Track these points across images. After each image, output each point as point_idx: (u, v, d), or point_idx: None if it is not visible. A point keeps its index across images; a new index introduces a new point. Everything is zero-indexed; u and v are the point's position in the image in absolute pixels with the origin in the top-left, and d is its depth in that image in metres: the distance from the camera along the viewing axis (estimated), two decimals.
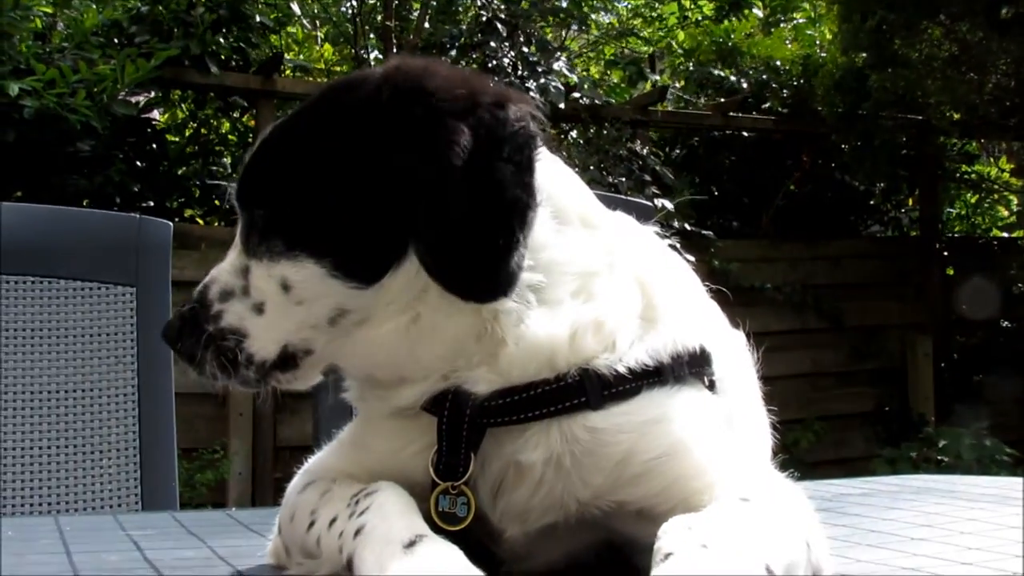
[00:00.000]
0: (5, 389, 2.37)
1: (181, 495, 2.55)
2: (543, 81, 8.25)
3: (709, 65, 10.53)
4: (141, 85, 7.07)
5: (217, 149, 8.77)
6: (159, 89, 7.80)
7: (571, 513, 1.23)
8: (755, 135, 10.45)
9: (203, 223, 8.10)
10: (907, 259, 10.10)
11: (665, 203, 7.65)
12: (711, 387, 1.31)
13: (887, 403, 9.70)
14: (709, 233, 8.79)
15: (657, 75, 10.89)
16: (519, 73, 8.29)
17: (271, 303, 1.26)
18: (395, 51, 8.99)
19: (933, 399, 9.56)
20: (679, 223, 8.06)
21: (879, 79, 8.67)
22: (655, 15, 12.01)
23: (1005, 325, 10.25)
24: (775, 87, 10.07)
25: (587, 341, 1.22)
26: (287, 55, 9.05)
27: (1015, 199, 12.44)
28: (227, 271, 1.31)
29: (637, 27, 11.96)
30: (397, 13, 9.40)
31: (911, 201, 11.08)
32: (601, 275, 1.27)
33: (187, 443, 6.46)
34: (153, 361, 2.46)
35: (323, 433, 1.54)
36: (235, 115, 8.59)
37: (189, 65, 7.34)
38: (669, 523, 1.09)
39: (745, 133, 10.42)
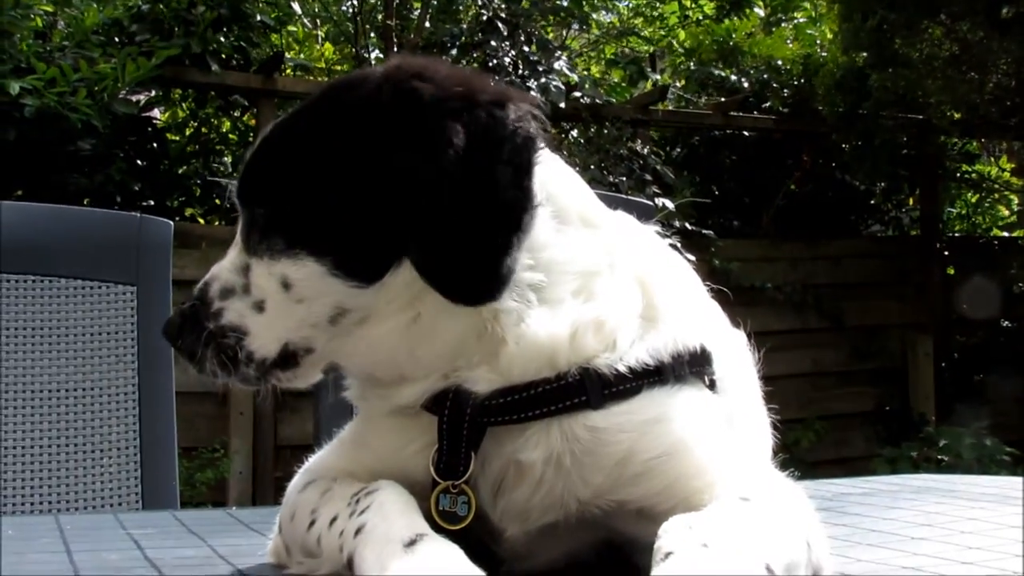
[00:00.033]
0: (6, 388, 2.37)
1: (181, 494, 2.55)
2: (544, 80, 8.23)
3: (710, 64, 10.52)
4: (142, 84, 7.07)
5: (218, 148, 8.77)
6: (160, 88, 7.81)
7: (571, 512, 1.23)
8: (756, 134, 10.45)
9: (204, 222, 8.10)
10: (908, 259, 10.09)
11: (666, 202, 7.64)
12: (712, 387, 1.31)
13: (887, 403, 9.70)
14: (710, 232, 8.78)
15: (658, 74, 10.89)
16: (520, 72, 8.28)
17: (271, 301, 1.26)
18: (396, 50, 8.98)
19: (933, 399, 9.56)
20: (680, 222, 8.04)
21: (880, 78, 8.66)
22: (656, 14, 12.00)
23: (1005, 325, 10.25)
24: (776, 86, 10.06)
25: (588, 340, 1.22)
26: (288, 54, 9.04)
27: (1015, 199, 12.43)
28: (228, 269, 1.31)
29: (638, 26, 11.94)
30: (398, 12, 9.40)
31: (912, 201, 11.07)
32: (602, 274, 1.27)
33: (188, 442, 6.46)
34: (154, 360, 2.46)
35: (324, 432, 1.55)
36: (236, 114, 8.59)
37: (190, 64, 7.33)
38: (669, 522, 1.09)
39: (746, 132, 10.41)
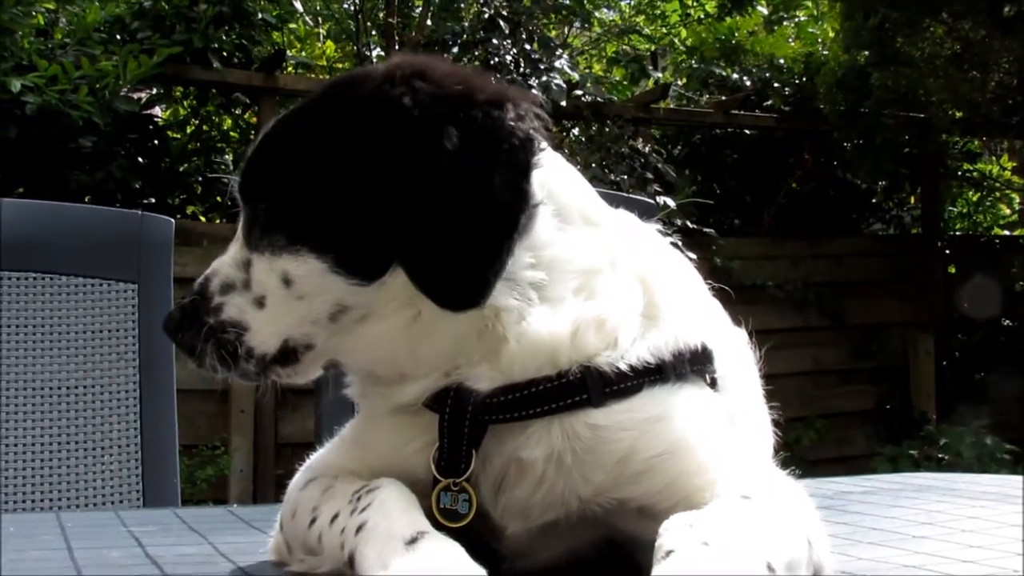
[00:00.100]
0: (7, 385, 2.37)
1: (182, 492, 2.54)
2: (545, 78, 8.23)
3: (711, 63, 10.51)
4: (143, 81, 7.08)
5: (219, 146, 8.76)
6: (161, 85, 7.81)
7: (572, 510, 1.23)
8: (757, 133, 10.44)
9: (205, 220, 8.11)
10: (909, 257, 10.09)
11: (667, 201, 7.64)
12: (713, 385, 1.31)
13: (888, 401, 9.70)
14: (711, 231, 8.78)
15: (659, 73, 10.88)
16: (521, 70, 8.27)
17: (272, 297, 1.26)
18: (397, 48, 8.98)
19: (934, 397, 9.56)
20: (681, 221, 8.04)
21: (881, 77, 8.65)
22: (657, 12, 12.00)
23: (1006, 323, 10.25)
24: (777, 85, 10.05)
25: (589, 338, 1.22)
26: (289, 52, 9.04)
27: (1017, 197, 12.43)
28: (228, 264, 1.31)
29: (639, 24, 11.95)
30: (399, 10, 9.40)
31: (913, 199, 11.07)
32: (603, 273, 1.27)
33: (188, 439, 6.46)
34: (155, 357, 2.46)
35: (325, 430, 1.55)
36: (237, 112, 8.58)
37: (191, 62, 7.33)
38: (670, 520, 1.09)
39: (747, 131, 10.41)
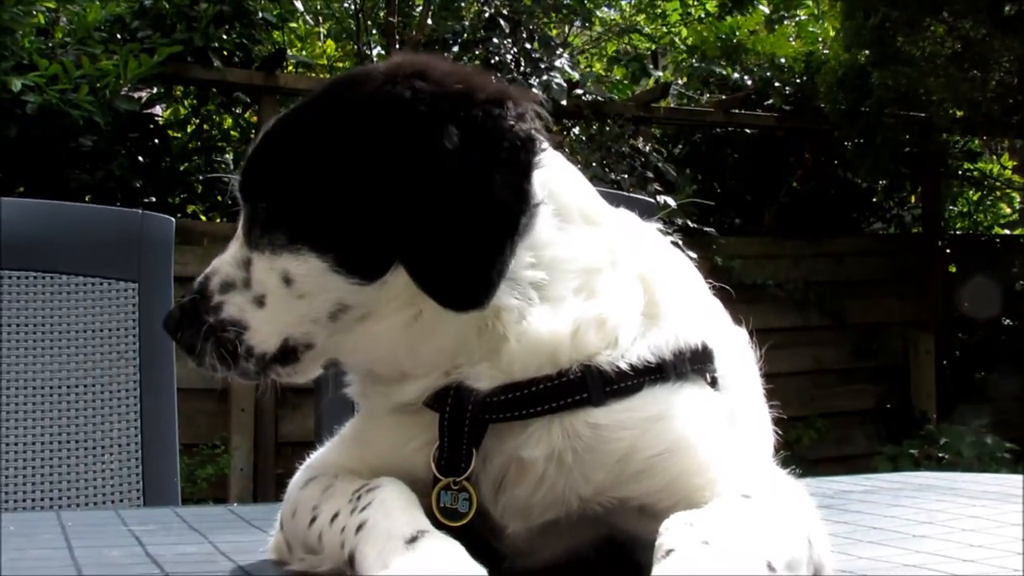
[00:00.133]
0: (7, 385, 2.37)
1: (183, 490, 2.54)
2: (546, 78, 8.23)
3: (712, 62, 10.51)
4: (144, 81, 7.08)
5: (219, 145, 8.77)
6: (162, 85, 7.81)
7: (573, 509, 1.23)
8: (758, 132, 10.44)
9: (205, 219, 8.11)
10: (909, 256, 10.09)
11: (668, 200, 7.64)
12: (713, 384, 1.31)
13: (889, 400, 9.71)
14: (711, 230, 8.78)
15: (660, 72, 10.88)
16: (522, 69, 8.27)
17: (272, 296, 1.26)
18: (397, 47, 8.98)
19: (935, 396, 9.56)
20: (681, 220, 8.04)
21: (882, 76, 8.65)
22: (658, 11, 11.99)
23: (1007, 323, 10.25)
24: (778, 84, 10.05)
25: (589, 337, 1.22)
26: (290, 51, 9.04)
27: (1017, 196, 12.43)
28: (229, 263, 1.31)
29: (640, 23, 11.95)
30: (400, 9, 9.39)
31: (913, 198, 11.07)
32: (603, 272, 1.27)
33: (188, 438, 6.46)
34: (155, 357, 2.46)
35: (325, 429, 1.54)
36: (237, 111, 8.59)
37: (192, 61, 7.34)
38: (671, 519, 1.09)
39: (748, 130, 10.41)
